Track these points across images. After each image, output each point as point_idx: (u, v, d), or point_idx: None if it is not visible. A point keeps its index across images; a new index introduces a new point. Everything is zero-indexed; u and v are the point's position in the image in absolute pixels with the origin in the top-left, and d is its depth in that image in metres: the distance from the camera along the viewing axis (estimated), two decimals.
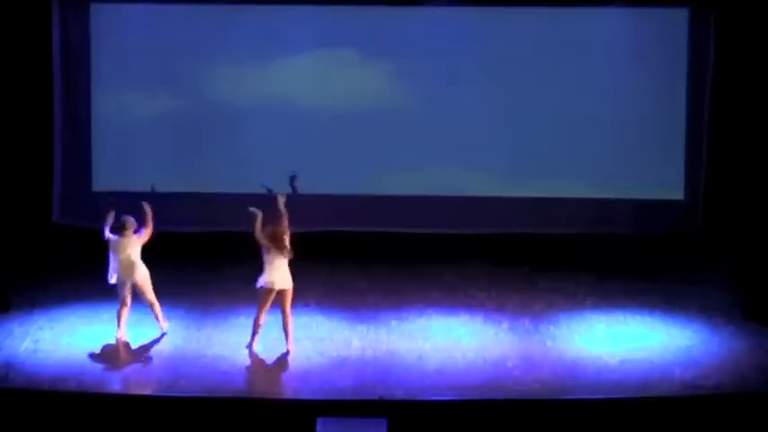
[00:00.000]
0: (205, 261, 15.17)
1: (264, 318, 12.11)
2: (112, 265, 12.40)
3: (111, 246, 12.42)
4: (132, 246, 12.39)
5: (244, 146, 16.27)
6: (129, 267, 12.36)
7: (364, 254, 15.56)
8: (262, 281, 12.00)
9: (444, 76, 16.18)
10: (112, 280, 12.42)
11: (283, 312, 12.08)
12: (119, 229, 12.42)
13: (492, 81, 16.23)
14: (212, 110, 16.26)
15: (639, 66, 16.11)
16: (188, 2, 16.22)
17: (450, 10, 16.07)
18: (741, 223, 15.72)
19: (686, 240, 16.02)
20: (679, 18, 16.14)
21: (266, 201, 12.53)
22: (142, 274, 12.41)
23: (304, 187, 16.20)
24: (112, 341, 12.31)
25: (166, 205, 16.17)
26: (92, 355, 11.90)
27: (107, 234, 12.49)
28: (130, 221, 12.43)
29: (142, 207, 12.51)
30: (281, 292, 12.01)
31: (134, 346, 12.23)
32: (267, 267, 11.96)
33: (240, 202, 15.44)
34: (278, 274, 11.95)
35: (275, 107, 16.21)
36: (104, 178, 16.38)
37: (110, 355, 11.96)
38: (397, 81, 16.23)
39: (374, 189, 16.29)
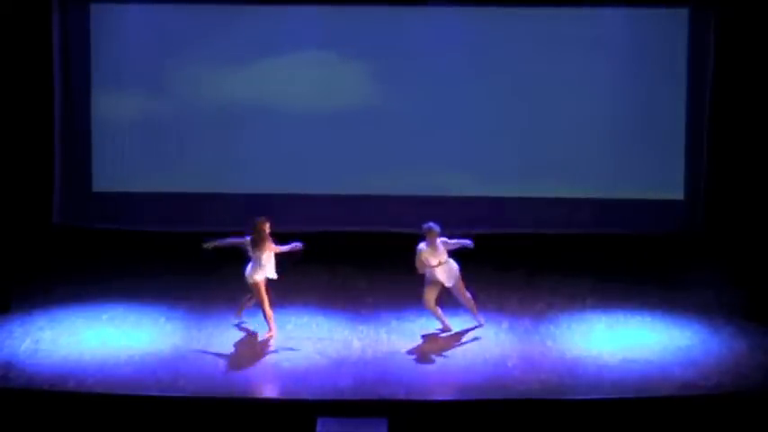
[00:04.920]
0: (205, 261, 15.16)
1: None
2: None
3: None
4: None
5: (244, 146, 16.28)
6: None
7: (364, 254, 15.57)
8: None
9: (443, 77, 16.19)
10: None
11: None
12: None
13: (491, 82, 16.24)
14: (212, 110, 16.26)
15: (639, 66, 16.13)
16: (188, 2, 16.22)
17: (448, 10, 16.08)
18: (741, 223, 15.73)
19: (686, 240, 16.03)
20: (679, 18, 16.14)
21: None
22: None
23: (304, 187, 16.23)
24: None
25: (166, 205, 16.25)
26: (92, 355, 11.90)
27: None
28: None
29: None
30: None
31: (135, 346, 12.23)
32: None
33: (240, 203, 15.56)
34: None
35: (276, 108, 16.21)
36: (104, 178, 16.39)
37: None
38: (394, 82, 16.23)
39: (373, 189, 16.29)
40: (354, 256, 15.54)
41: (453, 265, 12.66)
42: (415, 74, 16.23)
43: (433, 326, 12.89)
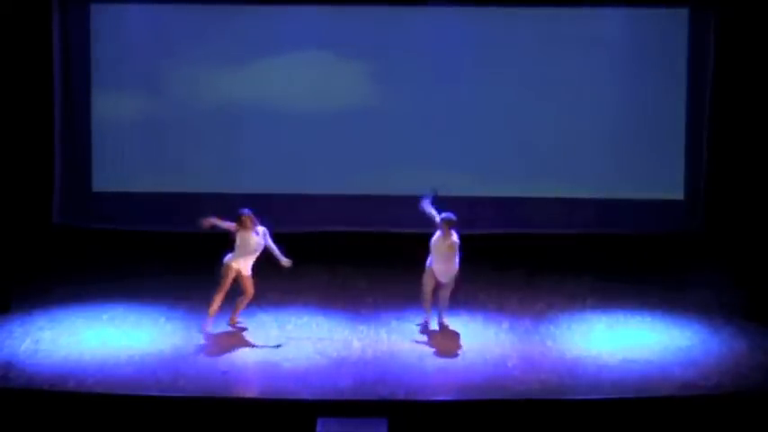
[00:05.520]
0: (205, 261, 15.16)
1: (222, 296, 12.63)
2: None
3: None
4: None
5: (244, 146, 16.30)
6: None
7: (364, 254, 15.57)
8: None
9: (443, 77, 16.20)
10: None
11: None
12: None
13: (492, 82, 16.25)
14: (211, 110, 16.28)
15: (639, 66, 16.13)
16: (187, 2, 16.23)
17: (448, 10, 16.09)
18: (741, 223, 15.73)
19: (686, 240, 16.03)
20: (679, 18, 16.15)
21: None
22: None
23: (304, 187, 16.24)
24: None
25: (166, 205, 16.25)
26: (92, 355, 11.90)
27: None
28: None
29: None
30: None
31: (135, 346, 12.23)
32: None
33: (240, 203, 15.57)
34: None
35: (276, 108, 16.23)
36: (104, 178, 16.39)
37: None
38: (394, 82, 16.25)
39: (374, 189, 16.29)
40: (354, 256, 15.54)
41: (455, 265, 12.64)
42: (415, 74, 16.24)
43: (431, 326, 12.90)
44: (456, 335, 12.70)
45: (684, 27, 16.15)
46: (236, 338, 12.49)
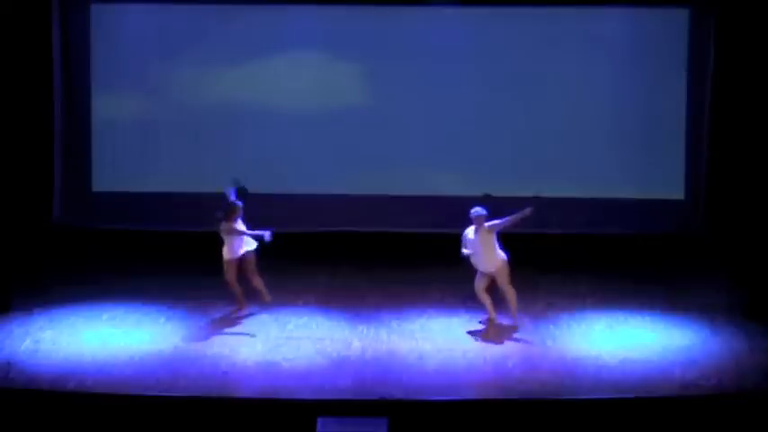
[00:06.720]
0: (205, 261, 15.18)
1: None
2: None
3: None
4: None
5: (244, 146, 16.29)
6: None
7: (364, 254, 15.57)
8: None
9: (443, 77, 16.19)
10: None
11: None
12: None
13: (491, 81, 16.24)
14: (211, 110, 16.27)
15: (639, 66, 16.13)
16: (187, 2, 16.23)
17: (447, 10, 16.09)
18: (741, 223, 15.73)
19: (686, 240, 16.02)
20: (679, 18, 16.16)
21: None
22: None
23: (304, 187, 16.23)
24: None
25: (166, 205, 16.25)
26: (92, 355, 11.90)
27: None
28: None
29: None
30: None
31: (135, 346, 12.23)
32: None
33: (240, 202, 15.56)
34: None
35: (276, 108, 16.22)
36: (104, 178, 16.40)
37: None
38: (394, 82, 16.24)
39: (373, 189, 16.29)
40: (354, 256, 15.54)
41: (489, 254, 12.75)
42: (415, 74, 16.24)
43: (431, 326, 12.90)
44: (456, 335, 12.70)
45: (684, 27, 16.15)
46: (236, 338, 12.50)
